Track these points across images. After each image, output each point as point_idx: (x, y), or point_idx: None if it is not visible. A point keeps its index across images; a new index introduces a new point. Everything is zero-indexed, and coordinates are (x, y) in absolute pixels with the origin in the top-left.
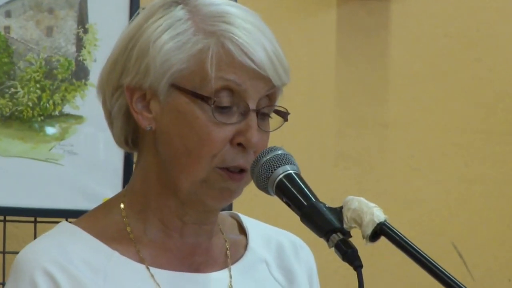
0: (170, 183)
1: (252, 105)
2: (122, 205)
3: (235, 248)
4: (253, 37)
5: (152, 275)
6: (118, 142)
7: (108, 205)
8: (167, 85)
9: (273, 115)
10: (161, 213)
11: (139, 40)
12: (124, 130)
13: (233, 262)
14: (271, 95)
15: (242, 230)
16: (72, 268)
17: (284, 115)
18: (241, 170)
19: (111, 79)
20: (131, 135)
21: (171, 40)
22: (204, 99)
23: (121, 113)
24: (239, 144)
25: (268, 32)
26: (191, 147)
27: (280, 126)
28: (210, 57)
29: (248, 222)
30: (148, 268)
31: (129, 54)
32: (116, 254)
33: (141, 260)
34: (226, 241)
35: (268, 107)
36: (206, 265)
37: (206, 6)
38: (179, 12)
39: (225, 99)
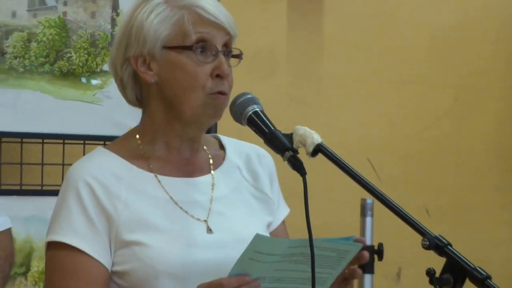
0: (175, 114)
1: (220, 47)
2: (137, 136)
3: (217, 159)
4: (212, 4)
5: (159, 181)
6: (131, 102)
7: (128, 136)
8: (160, 48)
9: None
10: (167, 136)
11: (135, 22)
12: (134, 90)
13: (215, 169)
14: (228, 44)
15: (222, 147)
16: (104, 179)
17: (238, 56)
18: (223, 94)
19: (119, 55)
20: (139, 93)
21: (156, 17)
22: (188, 48)
23: (130, 77)
24: (217, 76)
25: (218, 2)
26: (186, 84)
27: (238, 63)
28: (187, 20)
29: (226, 140)
30: (156, 176)
31: (129, 33)
32: (134, 167)
33: (151, 171)
34: (209, 154)
35: (228, 50)
36: (196, 172)
37: None
38: (155, 0)
39: (201, 46)
